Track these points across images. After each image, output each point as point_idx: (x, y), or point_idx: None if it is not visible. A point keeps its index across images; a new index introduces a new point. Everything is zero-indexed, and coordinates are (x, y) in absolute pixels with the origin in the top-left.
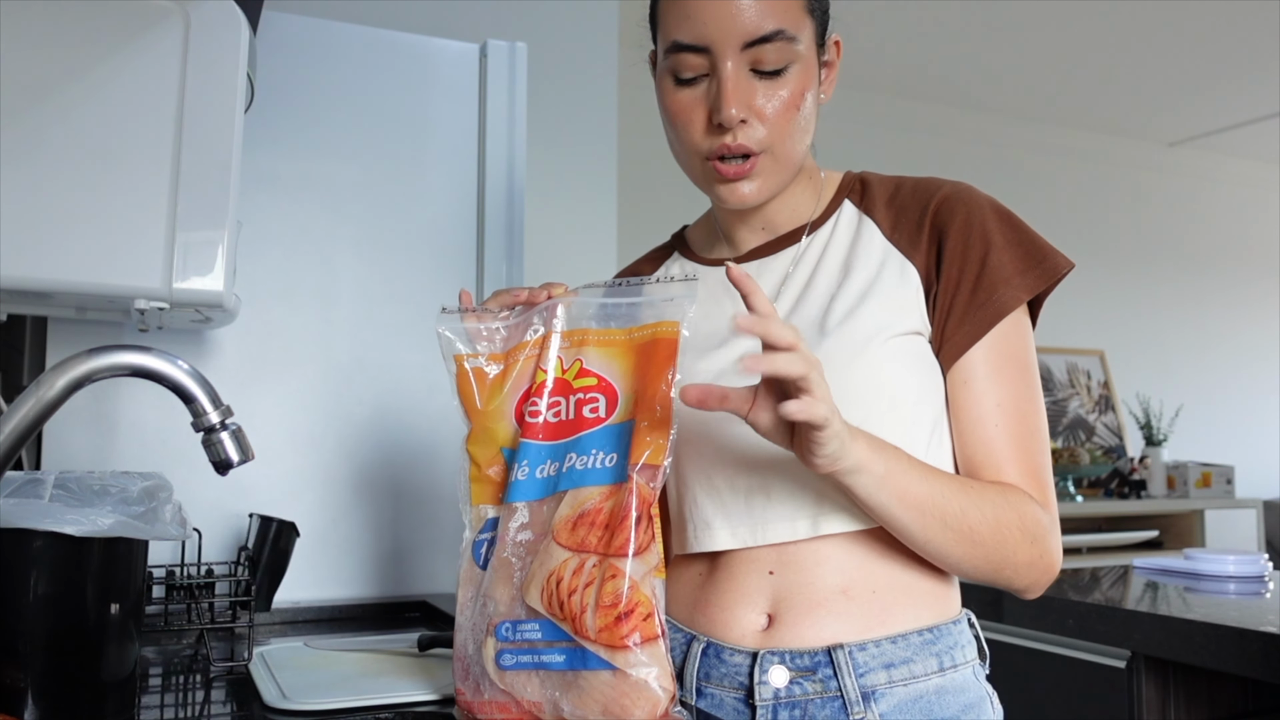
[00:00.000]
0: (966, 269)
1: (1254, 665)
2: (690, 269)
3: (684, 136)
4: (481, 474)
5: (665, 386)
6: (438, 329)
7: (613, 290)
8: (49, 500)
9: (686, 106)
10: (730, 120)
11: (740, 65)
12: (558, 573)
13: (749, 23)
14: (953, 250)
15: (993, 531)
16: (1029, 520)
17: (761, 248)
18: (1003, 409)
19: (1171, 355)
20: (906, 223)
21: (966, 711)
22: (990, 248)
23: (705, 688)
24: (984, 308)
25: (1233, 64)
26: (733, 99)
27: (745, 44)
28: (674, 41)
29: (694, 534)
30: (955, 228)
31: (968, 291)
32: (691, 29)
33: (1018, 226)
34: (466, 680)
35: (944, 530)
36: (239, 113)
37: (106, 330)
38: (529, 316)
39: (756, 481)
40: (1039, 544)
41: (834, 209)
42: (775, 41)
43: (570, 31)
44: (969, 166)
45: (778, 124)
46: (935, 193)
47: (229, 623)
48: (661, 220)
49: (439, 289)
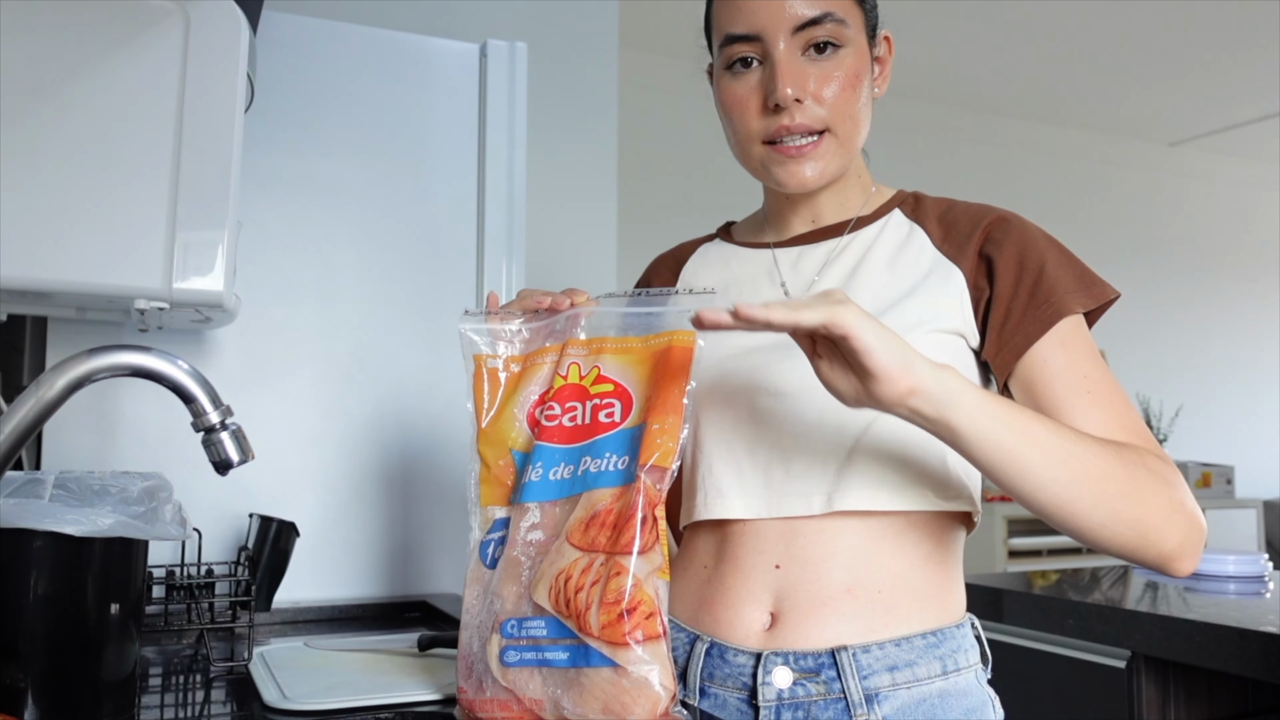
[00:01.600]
0: (1024, 278)
1: (1254, 665)
2: (727, 253)
3: (739, 124)
4: (491, 475)
5: (679, 393)
6: (460, 328)
7: (634, 300)
8: (49, 500)
9: (741, 95)
10: (785, 99)
11: (792, 48)
12: (567, 571)
13: (798, 7)
14: (1007, 263)
15: (1124, 468)
16: (1154, 466)
17: (805, 235)
18: (1090, 379)
19: (1171, 355)
20: (956, 235)
21: (969, 715)
22: (1046, 262)
23: (708, 688)
24: (1044, 308)
25: (1233, 64)
26: (787, 78)
27: (795, 27)
28: (727, 35)
29: (704, 501)
30: (1010, 243)
31: (1025, 296)
32: (742, 20)
33: (1067, 252)
34: (469, 678)
35: (1069, 467)
36: (239, 113)
37: (106, 330)
38: (551, 323)
39: (777, 455)
40: (1174, 489)
41: (884, 213)
42: (824, 24)
43: (570, 31)
44: (969, 166)
45: (836, 104)
46: (989, 213)
47: (229, 623)
48: (661, 220)
49: (439, 288)
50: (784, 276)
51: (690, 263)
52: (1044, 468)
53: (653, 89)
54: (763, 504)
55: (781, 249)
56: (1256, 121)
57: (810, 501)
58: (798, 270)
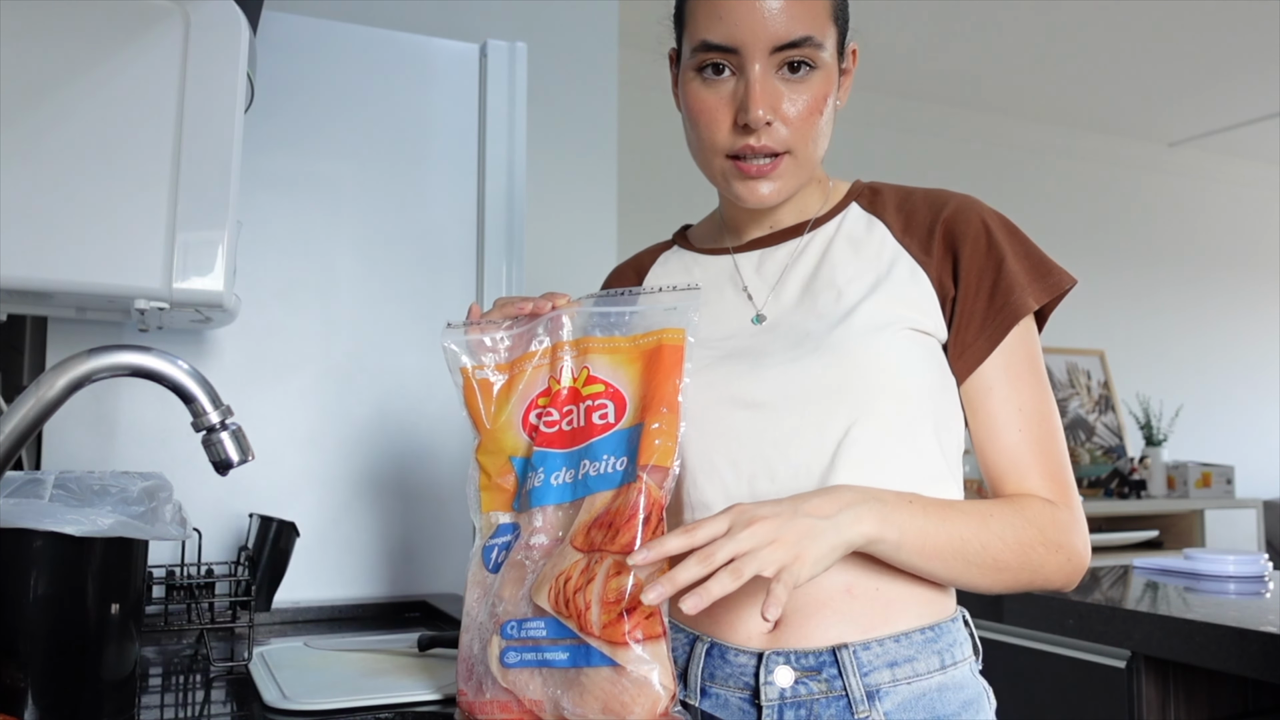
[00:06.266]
0: (984, 276)
1: (1254, 665)
2: (687, 260)
3: (706, 135)
4: (492, 482)
5: (673, 390)
6: (443, 343)
7: (617, 299)
8: (49, 500)
9: (711, 106)
10: (757, 121)
11: (768, 68)
12: (567, 572)
13: (780, 27)
14: (969, 259)
15: (1016, 554)
16: (1050, 530)
17: (764, 238)
18: (1024, 413)
19: (1171, 355)
20: (918, 228)
21: (966, 708)
22: (1005, 257)
23: (710, 688)
24: (1000, 312)
25: (1233, 64)
26: (761, 101)
27: (774, 48)
28: (703, 41)
29: (692, 517)
30: (970, 238)
31: (985, 297)
32: (722, 29)
33: (1024, 241)
34: (469, 680)
35: (969, 568)
36: (239, 113)
37: (106, 330)
38: (533, 326)
39: (761, 465)
40: (1064, 549)
41: (840, 209)
42: (803, 47)
43: (570, 31)
44: (969, 166)
45: (801, 127)
46: (946, 204)
47: (229, 623)
48: (662, 220)
49: (439, 289)
50: (746, 281)
51: (652, 271)
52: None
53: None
54: None
55: (741, 254)
56: (1256, 122)
57: None
58: (761, 273)
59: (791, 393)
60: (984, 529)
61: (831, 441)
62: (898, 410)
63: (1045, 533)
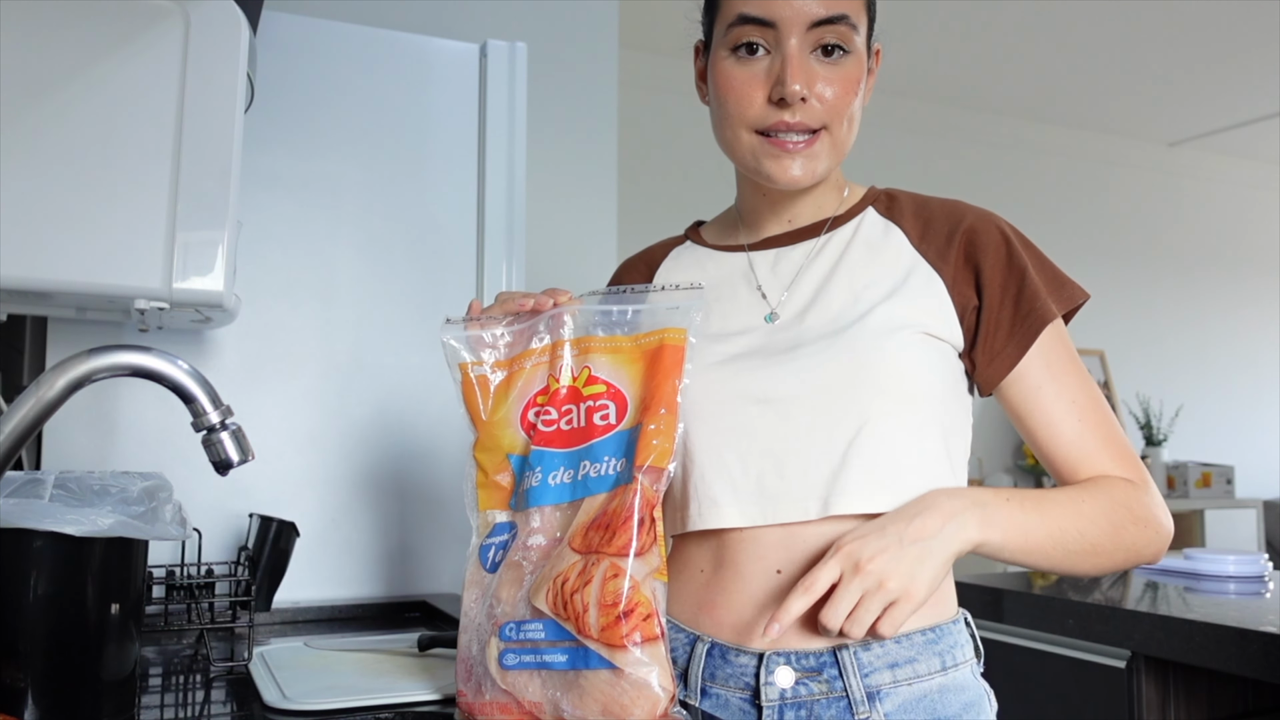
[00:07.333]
0: (1008, 286)
1: (1254, 665)
2: (700, 256)
3: (736, 110)
4: (489, 480)
5: (672, 390)
6: (442, 338)
7: (619, 298)
8: (49, 500)
9: (744, 82)
10: (793, 96)
11: (804, 44)
12: (565, 574)
13: (817, 2)
14: (992, 270)
15: (1110, 536)
16: (1136, 507)
17: (780, 236)
18: (1078, 405)
19: (1171, 355)
20: (935, 236)
21: (967, 710)
22: (1027, 268)
23: (710, 688)
24: (1027, 319)
25: (1233, 64)
26: (798, 74)
27: (812, 24)
28: (740, 14)
29: (698, 511)
30: (992, 249)
31: (1011, 305)
32: (759, 3)
33: (1040, 255)
34: (469, 681)
35: (1069, 556)
36: (239, 113)
37: (106, 330)
38: (534, 324)
39: (770, 462)
40: (1151, 524)
41: (858, 212)
42: (839, 25)
43: (570, 31)
44: (969, 166)
45: (835, 107)
46: (965, 215)
47: (229, 623)
48: (662, 220)
49: (439, 289)
50: (760, 279)
51: (663, 266)
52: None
53: (653, 89)
54: (758, 512)
55: (757, 251)
56: (1256, 121)
57: (806, 507)
58: (776, 272)
59: (804, 391)
60: (1079, 516)
61: (843, 441)
62: (909, 412)
63: (1133, 510)
